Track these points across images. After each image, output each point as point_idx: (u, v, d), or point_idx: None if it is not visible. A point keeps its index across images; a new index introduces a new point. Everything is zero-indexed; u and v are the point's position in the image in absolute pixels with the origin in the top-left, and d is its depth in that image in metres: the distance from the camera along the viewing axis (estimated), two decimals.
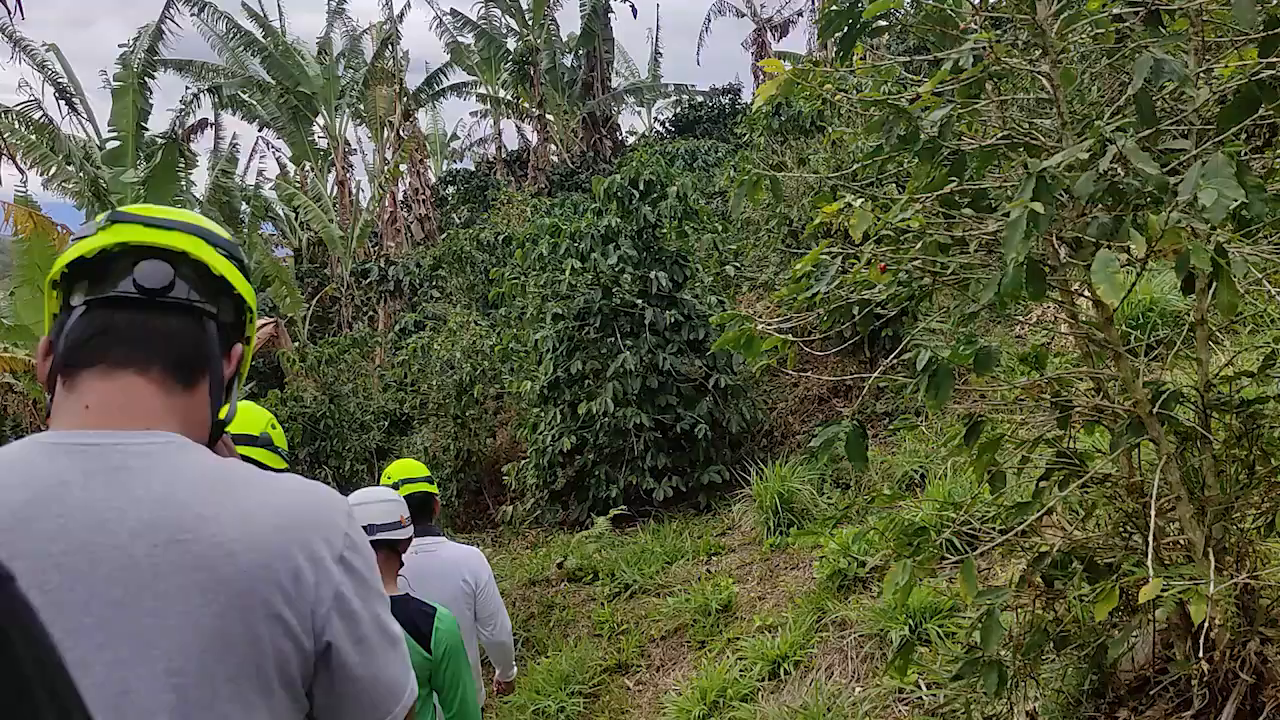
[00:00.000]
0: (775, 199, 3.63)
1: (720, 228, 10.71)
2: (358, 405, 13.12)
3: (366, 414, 13.39)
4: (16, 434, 24.38)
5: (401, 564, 3.40)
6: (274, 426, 2.58)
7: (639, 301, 9.97)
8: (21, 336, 18.08)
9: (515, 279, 10.50)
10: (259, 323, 1.39)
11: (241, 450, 1.80)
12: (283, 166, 25.90)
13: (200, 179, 21.41)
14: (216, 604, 1.07)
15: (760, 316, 10.66)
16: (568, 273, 9.81)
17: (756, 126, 11.29)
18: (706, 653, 7.06)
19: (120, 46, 16.79)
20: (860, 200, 3.02)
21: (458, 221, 20.76)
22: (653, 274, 9.86)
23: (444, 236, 20.04)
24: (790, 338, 4.00)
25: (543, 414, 10.47)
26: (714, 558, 8.71)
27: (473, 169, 26.02)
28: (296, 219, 23.30)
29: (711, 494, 9.92)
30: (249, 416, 2.49)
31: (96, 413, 1.16)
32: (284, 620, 1.10)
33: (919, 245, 3.12)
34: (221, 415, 1.28)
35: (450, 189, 24.33)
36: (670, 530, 9.44)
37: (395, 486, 3.95)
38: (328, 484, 9.22)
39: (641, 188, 10.15)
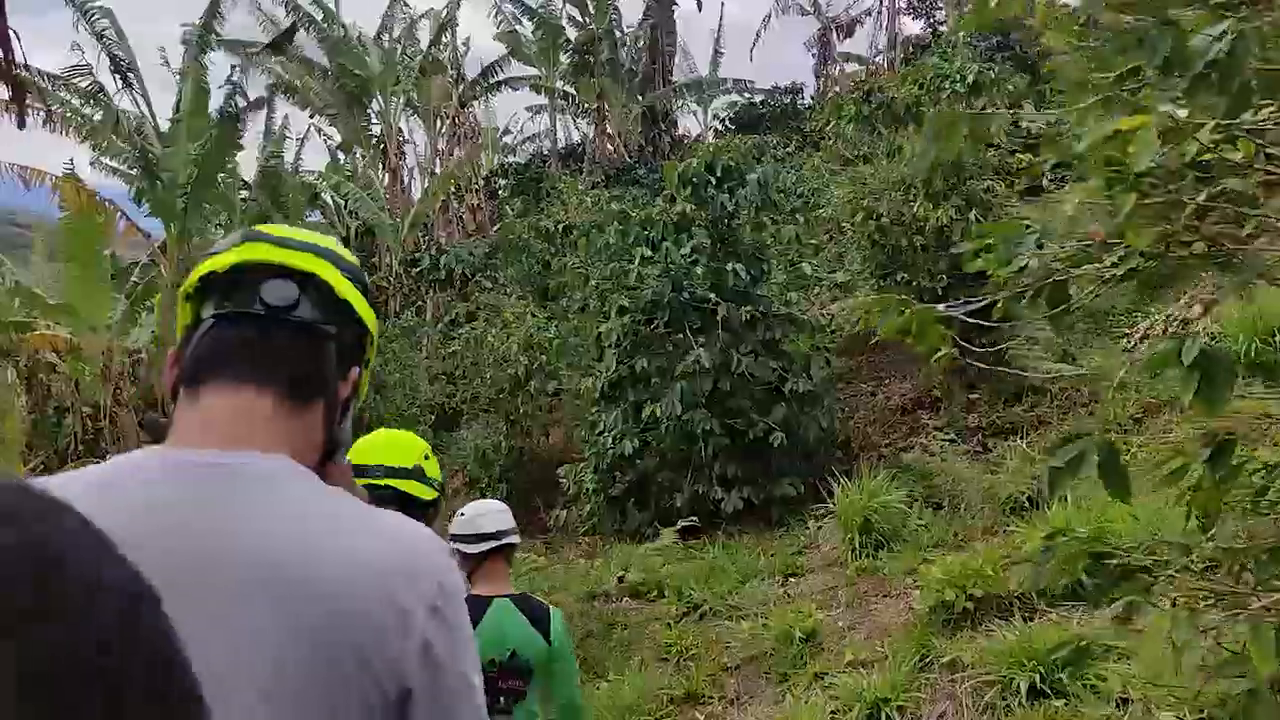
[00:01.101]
0: (974, 143, 2.82)
1: (803, 220, 9.92)
2: (404, 397, 12.48)
3: (413, 407, 12.76)
4: (59, 413, 24.08)
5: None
6: (427, 457, 2.57)
7: (712, 296, 9.21)
8: (65, 315, 17.68)
9: (578, 269, 9.77)
10: None
11: (394, 483, 2.21)
12: (332, 154, 25.45)
13: (248, 161, 20.79)
14: (308, 644, 1.07)
15: (834, 317, 9.68)
16: (637, 262, 9.08)
17: (845, 114, 10.50)
18: (790, 688, 6.28)
19: (182, 26, 16.38)
20: (1161, 109, 2.19)
21: (511, 214, 20.13)
22: (729, 266, 9.10)
23: (498, 226, 19.43)
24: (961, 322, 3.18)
25: (603, 414, 9.74)
26: (791, 579, 7.93)
27: (524, 162, 25.43)
28: (345, 207, 22.81)
29: (785, 508, 9.13)
30: (403, 448, 2.51)
31: (213, 430, 1.17)
32: (372, 666, 1.09)
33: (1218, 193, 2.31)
34: (337, 436, 1.28)
35: (501, 181, 23.73)
36: (742, 546, 8.67)
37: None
38: None
39: (719, 174, 9.41)
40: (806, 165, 12.13)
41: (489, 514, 3.55)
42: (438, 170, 22.38)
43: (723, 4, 23.81)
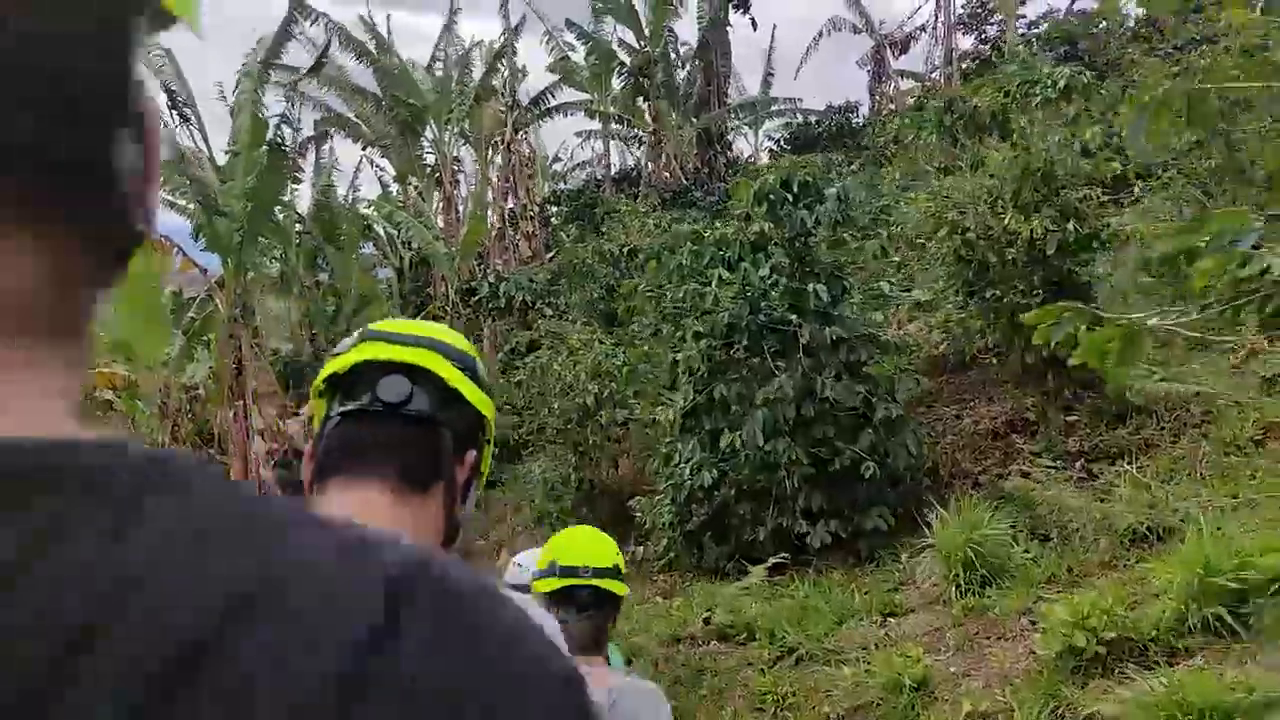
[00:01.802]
0: (1198, 123, 2.37)
1: (886, 235, 9.44)
2: None
3: None
4: None
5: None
6: (618, 554, 2.71)
7: (793, 318, 8.75)
8: (124, 351, 17.68)
9: (648, 292, 9.37)
10: None
11: (600, 583, 2.42)
12: (384, 185, 25.42)
13: (305, 195, 20.78)
14: None
15: (913, 339, 9.12)
16: (714, 284, 8.66)
17: (925, 125, 10.02)
18: None
19: (244, 58, 16.35)
20: None
21: (566, 240, 19.86)
22: (810, 286, 8.64)
23: (551, 254, 19.14)
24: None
25: (678, 443, 9.30)
26: (890, 619, 7.40)
27: (578, 188, 25.21)
28: (399, 237, 22.70)
29: (875, 541, 8.60)
30: (604, 548, 2.61)
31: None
32: None
33: None
34: (457, 520, 1.32)
35: (553, 209, 23.50)
36: (833, 583, 8.15)
37: None
38: None
39: (795, 190, 8.98)
40: (884, 180, 11.63)
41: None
42: (490, 198, 22.23)
43: (774, 25, 23.22)
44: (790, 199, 8.98)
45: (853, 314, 9.07)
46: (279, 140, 15.39)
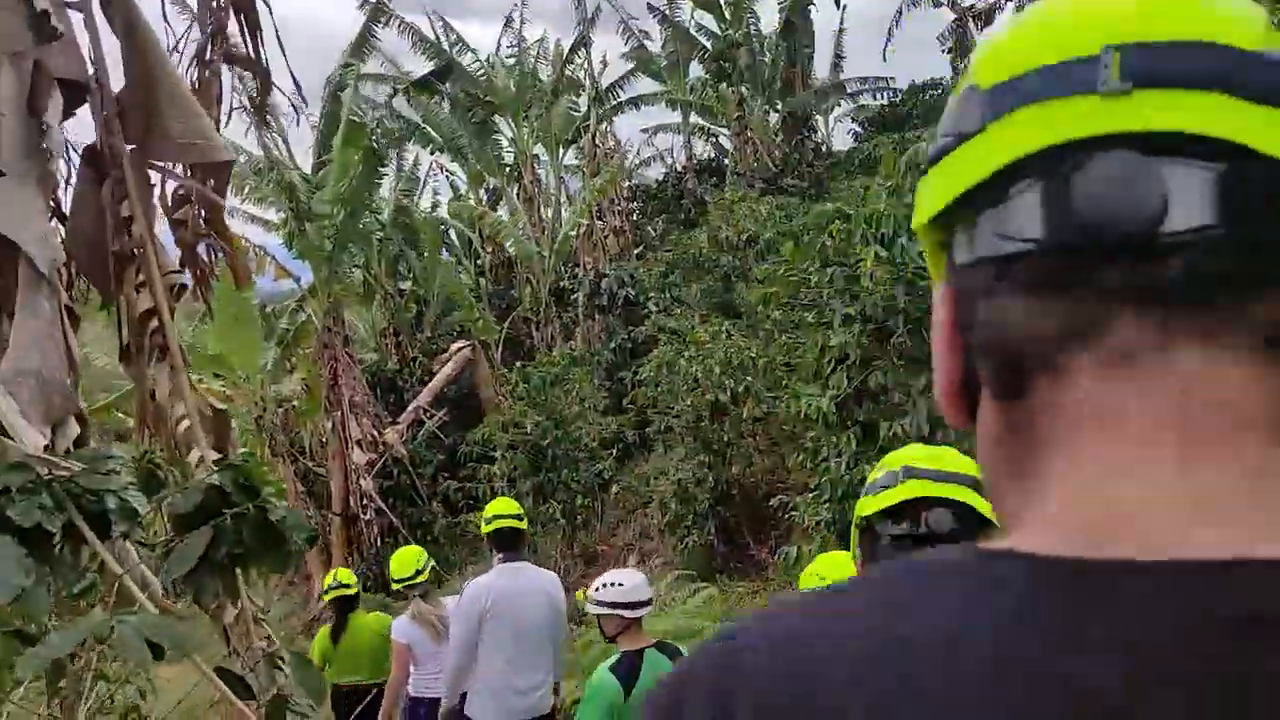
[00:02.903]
0: None
1: None
2: (585, 431, 11.64)
3: (593, 440, 11.91)
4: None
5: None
6: None
7: None
8: (219, 366, 17.49)
9: (791, 276, 8.77)
10: (455, 345, 7.43)
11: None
12: (456, 190, 25.09)
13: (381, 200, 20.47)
14: None
15: None
16: (869, 262, 8.03)
17: None
18: None
19: (340, 69, 16.09)
20: None
21: (654, 234, 19.35)
22: None
23: (639, 249, 18.61)
24: None
25: (831, 436, 8.68)
26: None
27: (658, 182, 24.67)
28: (481, 239, 22.35)
29: None
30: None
31: None
32: None
33: None
34: None
35: (634, 205, 22.98)
36: None
37: (488, 521, 5.31)
38: (555, 521, 7.07)
39: None
40: None
41: (641, 585, 4.32)
42: (564, 197, 21.80)
43: (844, 4, 22.42)
44: None
45: None
46: (373, 143, 15.06)
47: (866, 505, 1.71)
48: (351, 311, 25.15)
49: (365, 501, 15.96)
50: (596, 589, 4.33)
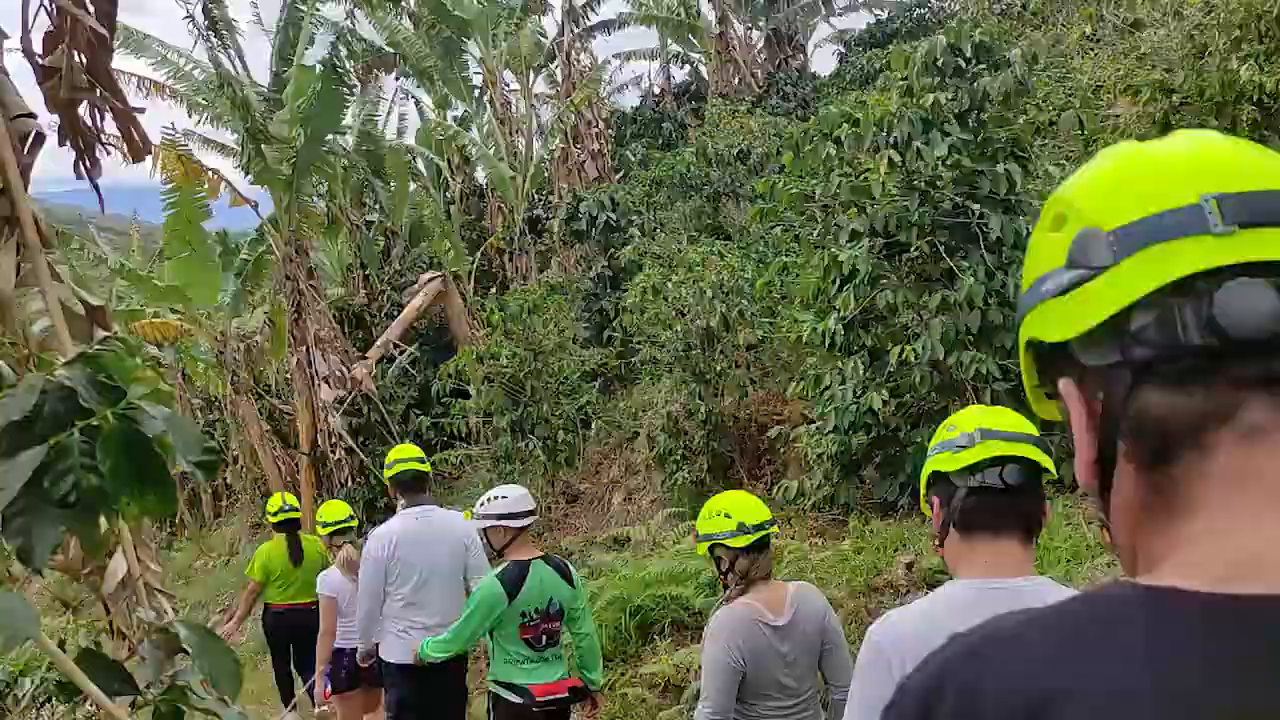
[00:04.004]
0: None
1: (1078, 104, 7.98)
2: (566, 363, 10.92)
3: (574, 373, 11.20)
4: None
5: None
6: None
7: (975, 207, 7.39)
8: (175, 299, 16.52)
9: (793, 188, 8.02)
10: (425, 277, 7.39)
11: (773, 530, 3.48)
12: (423, 116, 23.91)
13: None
14: None
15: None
16: (880, 170, 7.30)
17: None
18: None
19: None
20: None
21: (633, 159, 18.44)
22: (1001, 167, 7.27)
23: (620, 174, 17.72)
24: None
25: (838, 362, 8.02)
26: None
27: (632, 108, 23.64)
28: (450, 168, 21.32)
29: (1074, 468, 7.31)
30: (762, 507, 3.52)
31: (991, 564, 1.93)
32: None
33: None
34: None
35: (610, 132, 21.98)
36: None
37: (389, 466, 5.56)
38: (536, 457, 6.31)
39: (969, 54, 7.57)
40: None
41: (522, 498, 4.66)
42: (536, 125, 20.75)
43: None
44: (962, 66, 7.58)
45: (1041, 199, 7.68)
46: (335, 60, 14.00)
47: (947, 462, 1.97)
48: (317, 243, 24.19)
49: (334, 440, 15.20)
50: (481, 504, 4.69)
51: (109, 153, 2.91)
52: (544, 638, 4.58)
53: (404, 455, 5.56)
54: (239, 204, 15.00)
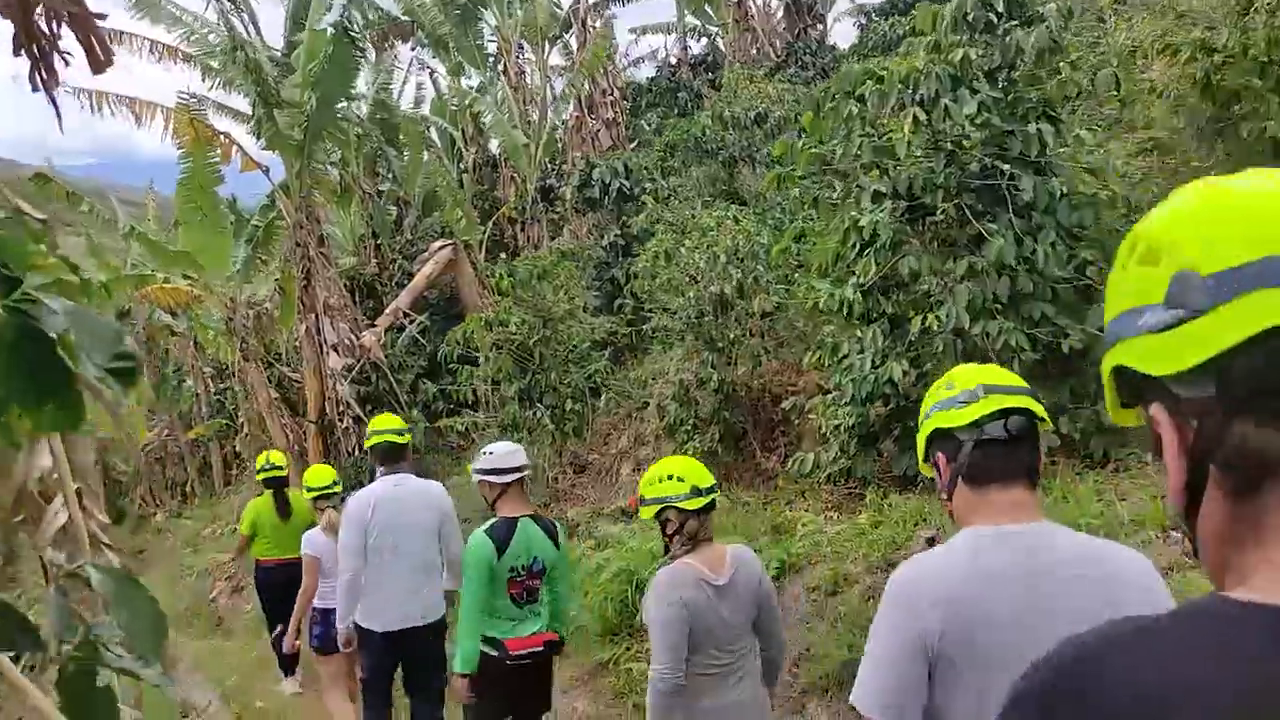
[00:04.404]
0: None
1: (1116, 61, 7.61)
2: (575, 331, 10.66)
3: (584, 341, 10.94)
4: (178, 376, 22.97)
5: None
6: None
7: (1005, 168, 7.07)
8: (185, 264, 16.33)
9: (813, 148, 7.71)
10: (435, 245, 7.47)
11: (717, 495, 3.60)
12: (437, 87, 23.58)
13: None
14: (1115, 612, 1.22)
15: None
16: (905, 128, 6.98)
17: None
18: None
19: None
20: None
21: (648, 129, 18.09)
22: (1033, 127, 6.94)
23: (634, 143, 17.39)
24: None
25: (852, 332, 7.74)
26: (1166, 531, 5.87)
27: (648, 79, 23.22)
28: (465, 139, 21.02)
29: (1111, 440, 7.03)
30: (705, 471, 3.62)
31: (1003, 511, 1.95)
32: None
33: None
34: None
35: (626, 103, 21.59)
36: (1071, 489, 6.61)
37: (368, 437, 5.73)
38: (544, 426, 6.00)
39: (1000, 9, 7.23)
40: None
41: (513, 452, 4.71)
42: (550, 96, 20.39)
43: None
44: (994, 21, 7.25)
45: (1072, 162, 7.36)
46: (346, 25, 13.71)
47: (953, 418, 2.01)
48: (329, 213, 23.94)
49: (342, 409, 15.02)
50: (475, 459, 4.80)
51: (68, 63, 2.65)
52: (526, 594, 4.65)
53: (382, 426, 5.64)
54: (250, 169, 14.77)
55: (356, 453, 14.16)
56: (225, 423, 20.03)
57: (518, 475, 4.66)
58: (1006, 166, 7.10)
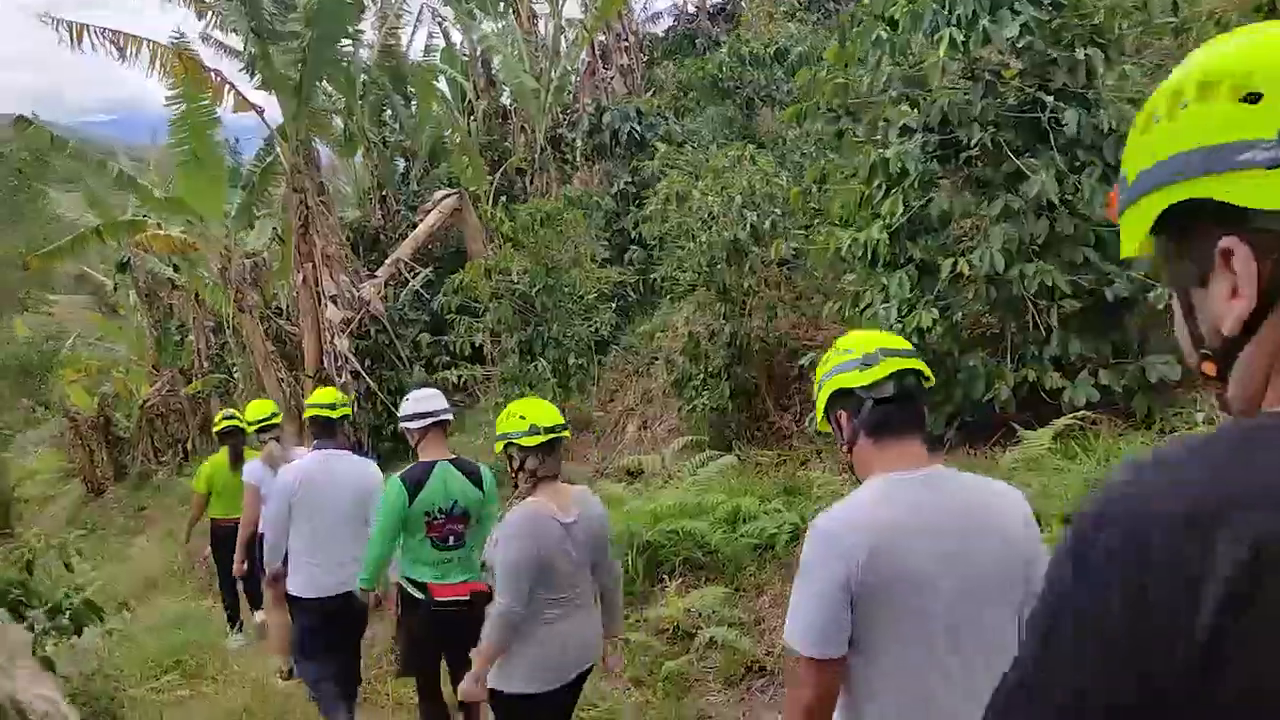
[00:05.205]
0: None
1: None
2: (581, 279, 10.06)
3: (590, 292, 10.35)
4: (181, 333, 22.49)
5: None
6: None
7: (1048, 99, 6.42)
8: (180, 210, 15.77)
9: (839, 78, 7.06)
10: (440, 194, 6.93)
11: (565, 434, 3.86)
12: (447, 36, 22.84)
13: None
14: (1004, 541, 2.18)
15: None
16: (941, 51, 6.33)
17: None
18: None
19: None
20: None
21: (664, 78, 17.36)
22: (1081, 52, 6.28)
23: (650, 92, 16.68)
24: None
25: (876, 280, 7.12)
26: None
27: (664, 31, 22.45)
28: (475, 90, 20.33)
29: (1158, 397, 6.42)
30: (555, 412, 3.91)
31: (903, 460, 2.16)
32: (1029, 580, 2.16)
33: None
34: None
35: (642, 55, 20.82)
36: (1110, 449, 6.02)
37: (306, 409, 5.94)
38: (545, 380, 5.33)
39: None
40: None
41: (431, 397, 4.89)
42: (563, 45, 19.67)
43: None
44: None
45: (1121, 95, 6.69)
46: None
47: (856, 379, 2.21)
48: (336, 166, 23.32)
49: (340, 363, 14.49)
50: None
51: None
52: (450, 538, 4.71)
53: (316, 401, 5.80)
54: (244, 110, 14.15)
55: (355, 408, 13.65)
56: (224, 377, 19.57)
57: (435, 419, 4.74)
58: (1049, 98, 6.44)
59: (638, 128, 12.30)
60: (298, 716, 6.19)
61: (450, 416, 4.91)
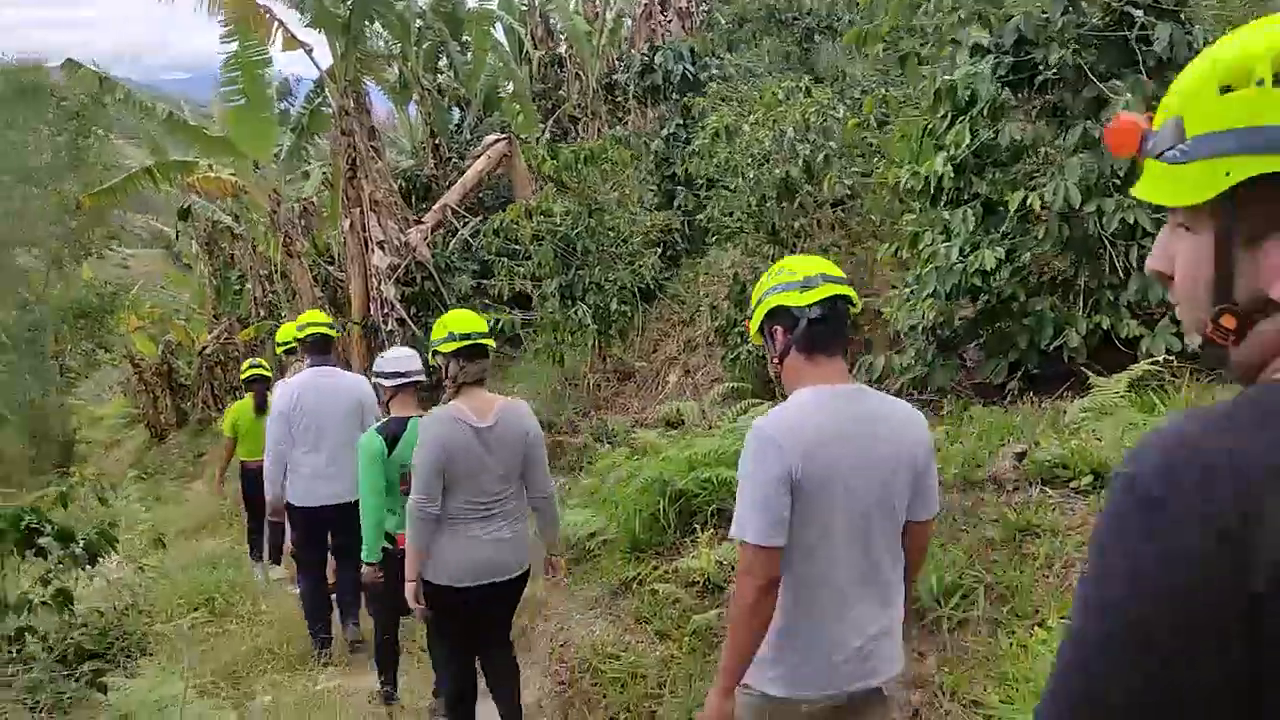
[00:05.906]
0: None
1: None
2: (626, 222, 9.60)
3: (634, 236, 9.89)
4: (240, 282, 22.51)
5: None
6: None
7: (1137, 13, 5.78)
8: (228, 151, 15.61)
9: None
10: (489, 139, 7.26)
11: (486, 341, 3.99)
12: None
13: None
14: (899, 450, 2.49)
15: None
16: None
17: None
18: None
19: None
20: None
21: (723, 22, 16.70)
22: None
23: (711, 34, 16.03)
24: None
25: (938, 217, 6.56)
26: None
27: None
28: (534, 39, 19.85)
29: None
30: (480, 321, 4.07)
31: (829, 376, 2.46)
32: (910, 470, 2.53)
33: None
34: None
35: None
36: (1190, 400, 5.44)
37: (301, 329, 6.13)
38: (586, 326, 4.88)
39: None
40: None
41: (409, 358, 4.96)
42: None
43: None
44: None
45: (1220, 9, 6.03)
46: None
47: (796, 298, 2.42)
48: (391, 115, 23.07)
49: (386, 310, 14.27)
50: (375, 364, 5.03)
51: None
52: None
53: (314, 320, 6.09)
54: (292, 48, 13.88)
55: None
56: (275, 324, 19.53)
57: (408, 380, 4.87)
58: (1139, 13, 5.80)
59: (691, 68, 11.75)
60: (320, 658, 6.09)
61: (423, 378, 5.01)
